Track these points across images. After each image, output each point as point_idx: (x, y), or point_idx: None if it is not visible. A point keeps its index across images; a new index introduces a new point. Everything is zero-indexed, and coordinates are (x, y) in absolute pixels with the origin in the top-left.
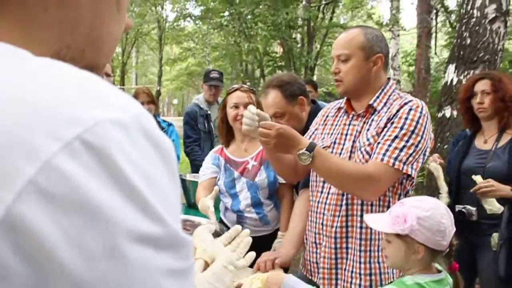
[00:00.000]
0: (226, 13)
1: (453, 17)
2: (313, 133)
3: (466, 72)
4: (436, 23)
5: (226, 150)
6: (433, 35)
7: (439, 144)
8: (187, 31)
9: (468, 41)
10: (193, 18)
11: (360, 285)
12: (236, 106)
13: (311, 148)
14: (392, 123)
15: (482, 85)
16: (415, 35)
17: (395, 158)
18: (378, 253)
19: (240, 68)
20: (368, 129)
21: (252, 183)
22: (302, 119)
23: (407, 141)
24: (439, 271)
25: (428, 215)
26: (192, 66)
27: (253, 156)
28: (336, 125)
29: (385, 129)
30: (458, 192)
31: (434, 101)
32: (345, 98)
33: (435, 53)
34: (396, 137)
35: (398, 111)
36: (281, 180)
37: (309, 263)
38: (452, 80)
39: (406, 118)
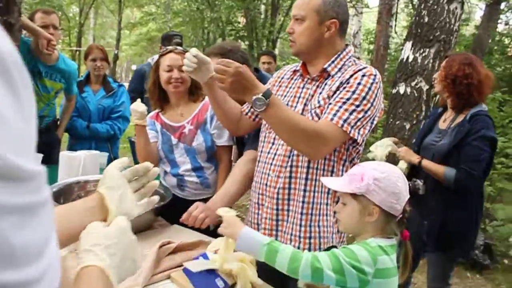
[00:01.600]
0: None
1: None
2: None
3: (422, 50)
4: (398, 1)
5: (161, 115)
6: (394, 13)
7: (391, 120)
8: None
9: (426, 19)
10: None
11: (298, 247)
12: (170, 69)
13: (267, 94)
14: (344, 87)
15: (443, 62)
16: None
17: (344, 120)
18: (319, 217)
19: (202, 36)
20: (320, 93)
21: (189, 148)
22: None
23: (357, 106)
24: (390, 237)
25: (384, 176)
26: (153, 32)
27: (189, 120)
28: (290, 87)
29: (337, 92)
30: (415, 167)
31: (392, 80)
32: (301, 61)
33: (395, 32)
34: (347, 100)
35: (351, 76)
36: (218, 142)
37: (251, 224)
38: (408, 57)
39: (359, 83)
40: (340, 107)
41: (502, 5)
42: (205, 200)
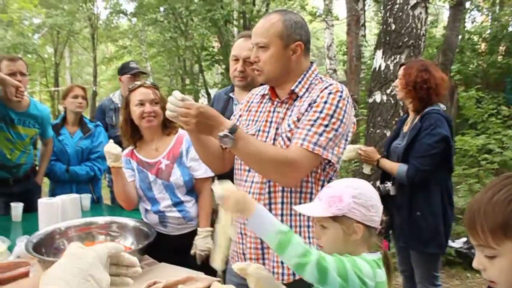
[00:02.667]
0: (161, 9)
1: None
2: (237, 120)
3: (393, 57)
4: (364, 11)
5: (136, 151)
6: (362, 22)
7: (371, 130)
8: (122, 29)
9: (393, 26)
10: (127, 14)
11: (283, 274)
12: (142, 103)
13: (233, 130)
14: (312, 107)
15: (401, 70)
16: None
17: (315, 143)
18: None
19: (178, 64)
20: (290, 115)
21: (168, 184)
22: None
23: (326, 126)
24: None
25: (359, 191)
26: None
27: (164, 155)
28: (260, 111)
29: (305, 114)
30: (384, 171)
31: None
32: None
33: (366, 41)
34: (315, 121)
35: (318, 95)
36: (196, 175)
37: (237, 254)
38: (380, 66)
39: (325, 102)
40: (309, 130)
41: (467, 4)
42: (188, 234)
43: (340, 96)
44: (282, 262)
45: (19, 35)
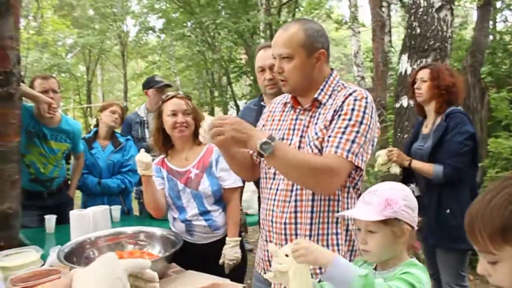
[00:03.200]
0: (189, 24)
1: None
2: (260, 129)
3: (419, 61)
4: (389, 16)
5: (167, 160)
6: (388, 28)
7: (399, 134)
8: (151, 45)
9: (418, 30)
10: (155, 31)
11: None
12: (174, 114)
13: (272, 138)
14: (340, 115)
15: (422, 74)
16: None
17: (348, 151)
18: (329, 248)
19: (207, 77)
20: (316, 123)
21: (196, 193)
22: None
23: (357, 132)
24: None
25: (406, 194)
26: None
27: (194, 164)
28: (283, 120)
29: (333, 122)
30: (406, 172)
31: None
32: None
33: (391, 46)
34: (345, 128)
35: (343, 102)
36: (225, 185)
37: (262, 261)
38: (406, 70)
39: (353, 109)
40: (341, 137)
41: (498, 4)
42: (215, 243)
43: (366, 102)
44: None
45: (54, 56)
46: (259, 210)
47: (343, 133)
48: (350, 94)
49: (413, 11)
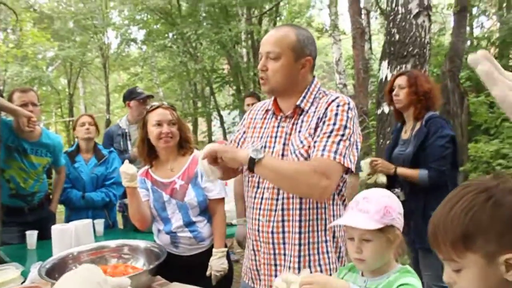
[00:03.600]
0: (170, 35)
1: None
2: (242, 136)
3: (398, 67)
4: (369, 24)
5: (151, 171)
6: (368, 35)
7: (381, 141)
8: (133, 57)
9: (397, 37)
10: (136, 42)
11: None
12: (159, 124)
13: (252, 163)
14: (324, 121)
15: (400, 80)
16: None
17: (335, 152)
18: (319, 256)
19: (190, 88)
20: (299, 131)
21: (182, 204)
22: None
23: (342, 135)
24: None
25: (396, 199)
26: None
27: (179, 175)
28: (265, 128)
29: (319, 129)
30: (389, 178)
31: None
32: (272, 99)
33: (372, 53)
34: (331, 132)
35: (326, 109)
36: (211, 195)
37: (250, 271)
38: (386, 77)
39: (336, 114)
40: (327, 141)
41: (474, 10)
42: (200, 255)
43: (348, 107)
44: None
45: (34, 69)
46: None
47: (329, 137)
48: (333, 101)
49: (392, 17)
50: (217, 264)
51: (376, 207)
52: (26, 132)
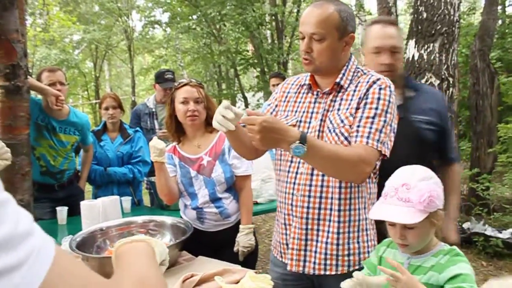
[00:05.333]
0: (194, 17)
1: None
2: (273, 110)
3: (426, 46)
4: (395, 3)
5: (178, 147)
6: (394, 15)
7: None
8: (158, 39)
9: (425, 15)
10: (161, 25)
11: (336, 265)
12: (186, 101)
13: (303, 139)
14: (365, 103)
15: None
16: None
17: (378, 140)
18: (359, 233)
19: (214, 70)
20: (338, 109)
21: (209, 180)
22: None
23: (384, 121)
24: None
25: (435, 180)
26: None
27: (207, 152)
28: (299, 102)
29: (360, 110)
30: None
31: None
32: (309, 75)
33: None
34: (373, 118)
35: (368, 90)
36: (238, 172)
37: (279, 245)
38: (413, 56)
39: (378, 98)
40: (370, 127)
41: None
42: (225, 231)
43: (390, 91)
44: (336, 255)
45: (62, 52)
46: None
47: (372, 123)
48: (374, 82)
49: None
50: (244, 240)
51: (418, 197)
52: (54, 111)
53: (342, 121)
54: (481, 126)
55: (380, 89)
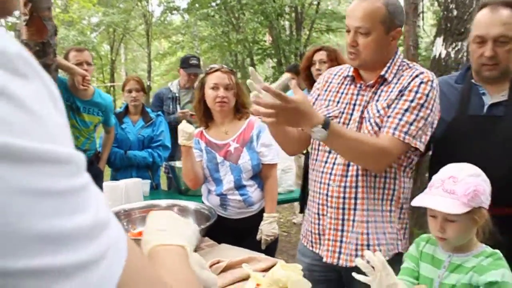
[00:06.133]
0: (213, 4)
1: None
2: (316, 99)
3: (454, 44)
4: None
5: (206, 133)
6: (421, 11)
7: None
8: (175, 25)
9: (455, 12)
10: (179, 11)
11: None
12: (216, 87)
13: (326, 125)
14: (402, 95)
15: (320, 56)
16: None
17: (406, 133)
18: (384, 224)
19: (230, 59)
20: (377, 100)
21: (235, 166)
22: None
23: (417, 115)
24: None
25: (485, 179)
26: None
27: (234, 138)
28: (342, 93)
29: (395, 101)
30: None
31: None
32: (351, 67)
33: (423, 30)
34: (406, 110)
35: (409, 83)
36: (265, 160)
37: (311, 234)
38: (440, 54)
39: (416, 92)
40: (400, 119)
41: None
42: (248, 219)
43: (431, 86)
44: (367, 245)
45: (80, 34)
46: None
47: (403, 115)
48: (417, 76)
49: None
50: (268, 229)
51: (464, 189)
52: (80, 91)
53: (378, 111)
54: None
55: (421, 82)
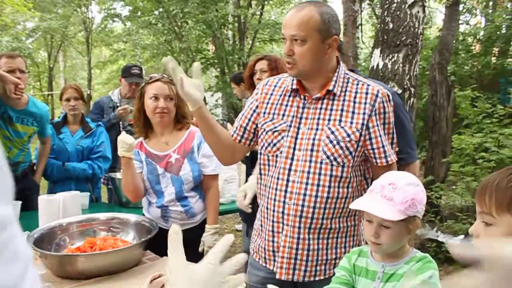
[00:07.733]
0: (156, 12)
1: (378, 6)
2: (253, 111)
3: (390, 56)
4: (361, 11)
5: (146, 143)
6: (359, 23)
7: None
8: (117, 33)
9: (391, 25)
10: (121, 18)
11: (325, 270)
12: (156, 97)
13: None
14: (377, 120)
15: (261, 65)
16: None
17: (392, 153)
18: (346, 239)
19: None
20: (340, 120)
21: (177, 178)
22: None
23: (392, 133)
24: None
25: (423, 189)
26: None
27: (175, 149)
28: (287, 105)
29: (375, 128)
30: None
31: None
32: (295, 79)
33: (362, 42)
34: (386, 134)
35: (373, 106)
36: (206, 171)
37: (264, 251)
38: (378, 64)
39: (385, 112)
40: (391, 143)
41: (460, 7)
42: (190, 230)
43: (391, 101)
44: (316, 260)
45: (14, 39)
46: None
47: (390, 138)
48: (377, 96)
49: (387, 6)
50: (210, 241)
51: (402, 198)
52: (12, 100)
53: (348, 136)
54: (437, 137)
55: (385, 102)
